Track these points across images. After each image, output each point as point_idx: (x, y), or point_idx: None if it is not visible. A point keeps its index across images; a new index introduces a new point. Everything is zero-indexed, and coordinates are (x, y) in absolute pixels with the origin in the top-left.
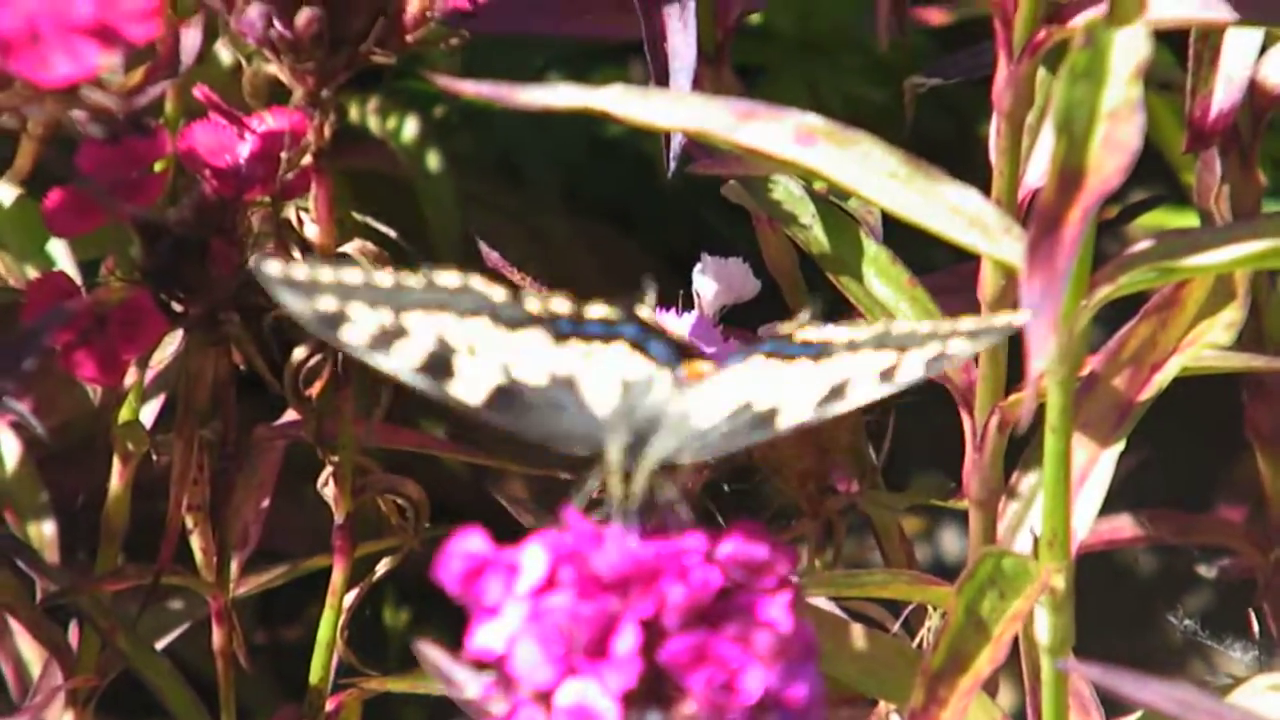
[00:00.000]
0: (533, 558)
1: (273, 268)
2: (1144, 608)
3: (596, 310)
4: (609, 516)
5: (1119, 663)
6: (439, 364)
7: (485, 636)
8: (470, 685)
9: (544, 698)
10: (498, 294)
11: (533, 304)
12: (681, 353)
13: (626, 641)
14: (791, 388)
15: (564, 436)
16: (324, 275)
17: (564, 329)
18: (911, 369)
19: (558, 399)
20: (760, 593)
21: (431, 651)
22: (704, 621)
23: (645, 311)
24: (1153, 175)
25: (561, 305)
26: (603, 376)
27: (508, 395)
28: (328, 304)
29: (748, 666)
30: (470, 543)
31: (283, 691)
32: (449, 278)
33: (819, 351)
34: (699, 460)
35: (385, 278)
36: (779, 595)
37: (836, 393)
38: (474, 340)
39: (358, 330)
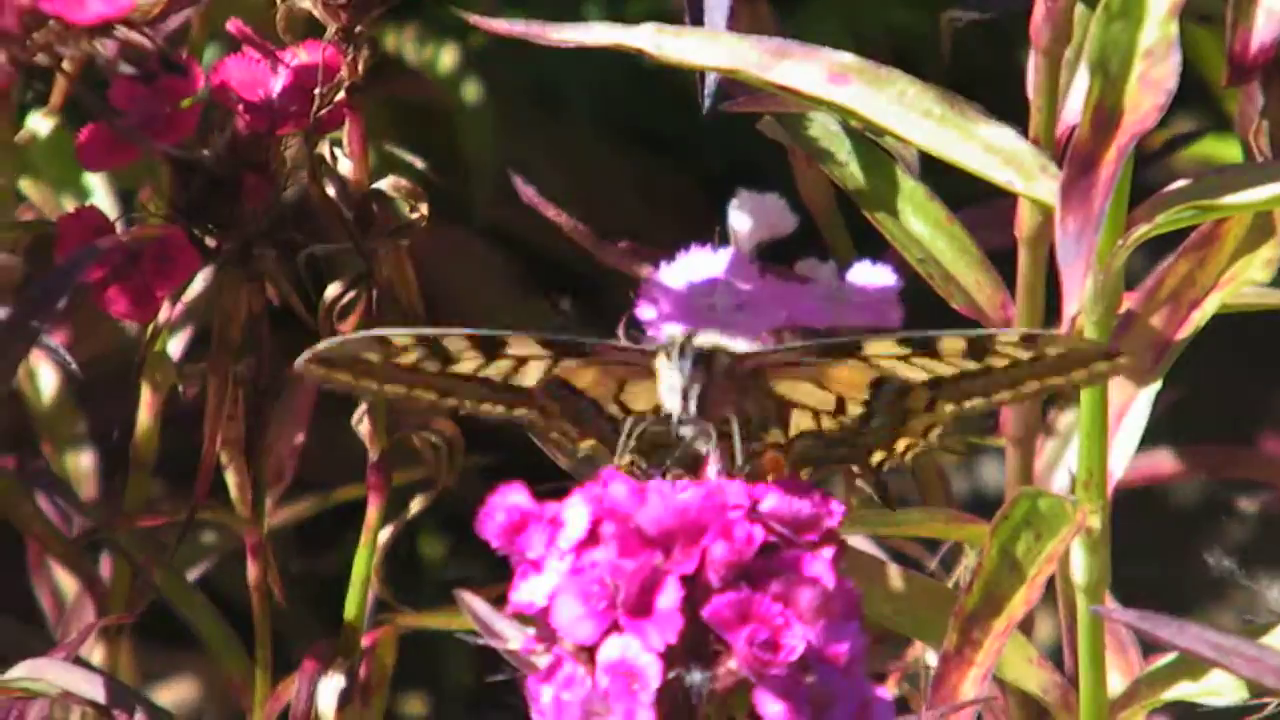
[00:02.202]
0: (575, 512)
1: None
2: (1183, 539)
3: None
4: (651, 471)
5: (1156, 594)
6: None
7: (527, 591)
8: (512, 638)
9: (586, 653)
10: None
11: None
12: None
13: (669, 598)
14: None
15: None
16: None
17: None
18: None
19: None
20: (804, 548)
21: (473, 601)
22: (747, 578)
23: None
24: (1197, 103)
25: None
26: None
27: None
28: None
29: (790, 624)
30: (512, 496)
31: (319, 620)
32: None
33: None
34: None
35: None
36: (822, 551)
37: None
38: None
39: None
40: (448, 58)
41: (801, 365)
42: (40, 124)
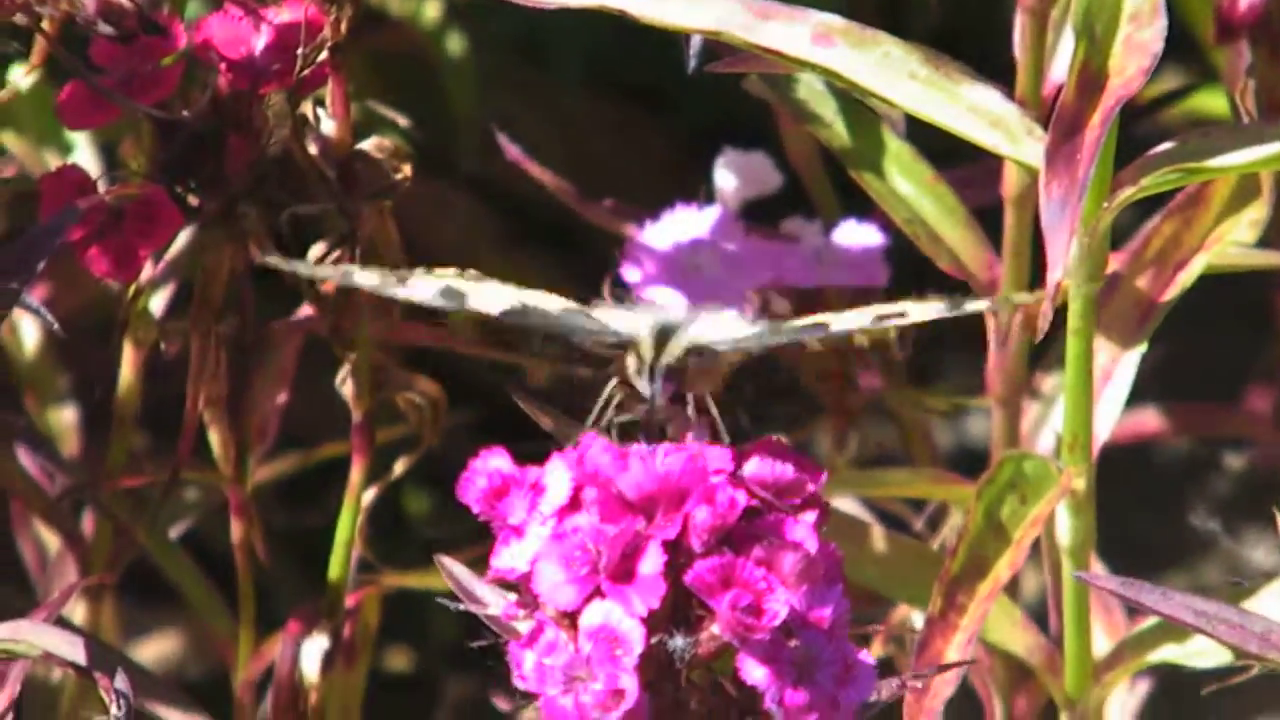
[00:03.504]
0: (556, 478)
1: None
2: (1169, 496)
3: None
4: (633, 435)
5: (1141, 552)
6: (453, 294)
7: (508, 556)
8: (493, 603)
9: (568, 618)
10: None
11: None
12: None
13: (651, 563)
14: None
15: (591, 332)
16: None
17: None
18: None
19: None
20: (787, 512)
21: (454, 566)
22: (729, 543)
23: None
24: (1185, 55)
25: None
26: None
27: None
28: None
29: (773, 589)
30: (493, 461)
31: (303, 576)
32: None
33: None
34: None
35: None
36: (805, 515)
37: None
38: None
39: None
40: (431, 10)
41: None
42: (22, 78)
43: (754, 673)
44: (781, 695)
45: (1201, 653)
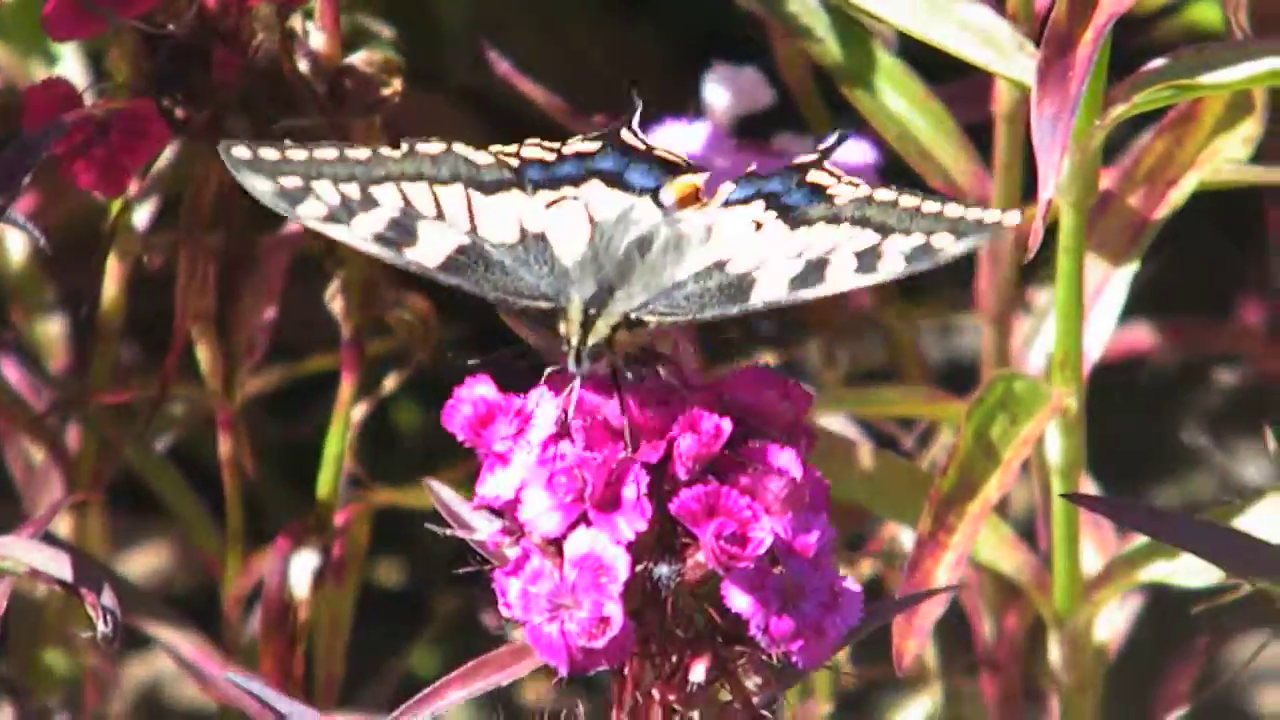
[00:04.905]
0: (542, 405)
1: (241, 152)
2: (1161, 410)
3: (575, 145)
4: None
5: (1134, 467)
6: (400, 230)
7: (494, 484)
8: (481, 528)
9: (553, 545)
10: (481, 158)
11: (512, 159)
12: (667, 170)
13: (635, 489)
14: (769, 252)
15: (526, 292)
16: (295, 155)
17: (537, 180)
18: (892, 260)
19: (524, 254)
20: (772, 439)
21: (441, 490)
22: (715, 470)
23: (626, 133)
24: None
25: (536, 151)
26: (574, 222)
27: (468, 255)
28: (292, 182)
29: (758, 517)
30: (479, 389)
31: (292, 489)
32: (431, 145)
33: (808, 205)
34: (667, 321)
35: (360, 151)
36: (791, 441)
37: (814, 269)
38: (445, 205)
39: (317, 205)
40: None
41: None
42: None
43: (738, 601)
44: (766, 623)
45: (1191, 571)
